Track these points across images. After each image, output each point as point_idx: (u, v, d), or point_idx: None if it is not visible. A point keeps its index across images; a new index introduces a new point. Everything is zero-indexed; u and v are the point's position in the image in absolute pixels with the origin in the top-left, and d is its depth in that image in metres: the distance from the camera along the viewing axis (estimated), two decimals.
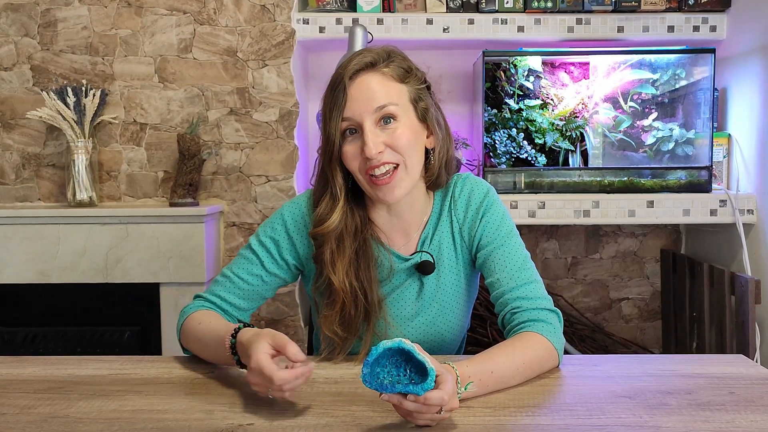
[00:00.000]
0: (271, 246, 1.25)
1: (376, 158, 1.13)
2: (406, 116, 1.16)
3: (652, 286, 2.68)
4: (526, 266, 1.21)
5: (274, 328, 1.03)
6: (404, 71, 1.18)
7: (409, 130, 1.16)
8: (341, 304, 1.18)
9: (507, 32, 2.33)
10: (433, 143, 1.22)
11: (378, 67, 1.16)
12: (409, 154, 1.16)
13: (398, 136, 1.14)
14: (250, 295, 1.26)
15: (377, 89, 1.14)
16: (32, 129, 2.33)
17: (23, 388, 1.06)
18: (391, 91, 1.15)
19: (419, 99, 1.19)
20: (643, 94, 2.35)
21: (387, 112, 1.14)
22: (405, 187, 1.17)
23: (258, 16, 2.29)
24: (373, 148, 1.12)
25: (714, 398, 1.00)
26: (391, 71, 1.16)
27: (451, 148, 1.26)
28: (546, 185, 2.27)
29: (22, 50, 2.30)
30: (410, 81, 1.18)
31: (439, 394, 0.86)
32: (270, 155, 2.32)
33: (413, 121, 1.17)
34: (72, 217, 2.16)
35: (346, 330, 1.20)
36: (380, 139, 1.13)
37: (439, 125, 1.22)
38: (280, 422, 0.92)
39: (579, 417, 0.93)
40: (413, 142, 1.17)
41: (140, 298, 2.22)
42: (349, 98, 1.14)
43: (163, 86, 2.31)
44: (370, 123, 1.13)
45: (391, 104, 1.14)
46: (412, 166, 1.17)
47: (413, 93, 1.18)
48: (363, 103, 1.13)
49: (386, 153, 1.14)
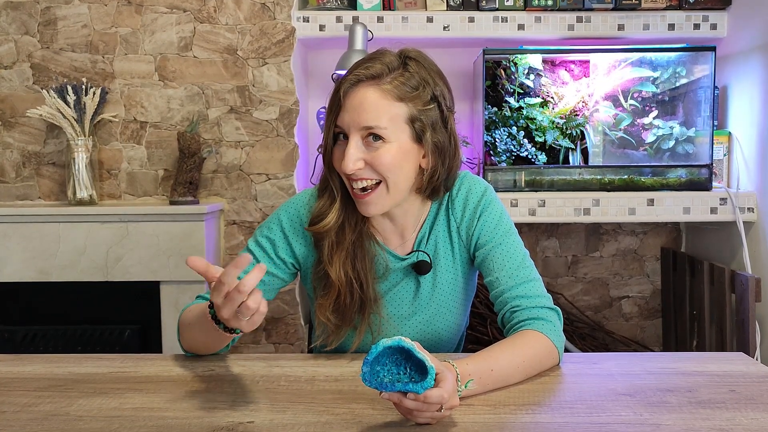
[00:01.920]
0: (268, 246, 1.25)
1: (354, 173, 1.13)
2: (395, 138, 1.12)
3: (652, 284, 2.68)
4: (525, 264, 1.21)
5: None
6: (410, 89, 1.13)
7: (396, 151, 1.12)
8: (336, 293, 1.19)
9: (507, 30, 2.33)
10: (427, 164, 1.18)
11: (380, 82, 1.12)
12: (391, 175, 1.13)
13: (380, 155, 1.12)
14: None
15: (368, 108, 1.11)
16: (32, 127, 2.33)
17: (23, 386, 1.06)
18: (382, 113, 1.11)
19: (417, 119, 1.14)
20: (644, 92, 2.35)
21: (373, 133, 1.12)
22: (383, 206, 1.16)
23: (258, 14, 2.29)
24: (350, 165, 1.11)
25: (714, 396, 1.00)
26: (393, 88, 1.12)
27: (456, 166, 1.21)
28: (546, 183, 2.27)
29: (22, 48, 2.30)
30: (413, 100, 1.13)
31: (439, 392, 0.86)
32: (270, 153, 2.31)
33: (404, 143, 1.13)
34: (72, 216, 2.16)
35: (340, 318, 1.20)
36: (361, 155, 1.12)
37: (438, 147, 1.16)
38: (281, 420, 0.92)
39: (579, 415, 0.93)
40: (399, 163, 1.13)
41: (140, 297, 2.22)
42: (343, 107, 1.13)
43: (163, 84, 2.31)
44: (356, 138, 1.12)
45: (379, 128, 1.11)
46: (395, 186, 1.14)
47: (412, 113, 1.13)
48: (353, 117, 1.12)
49: (366, 170, 1.13)
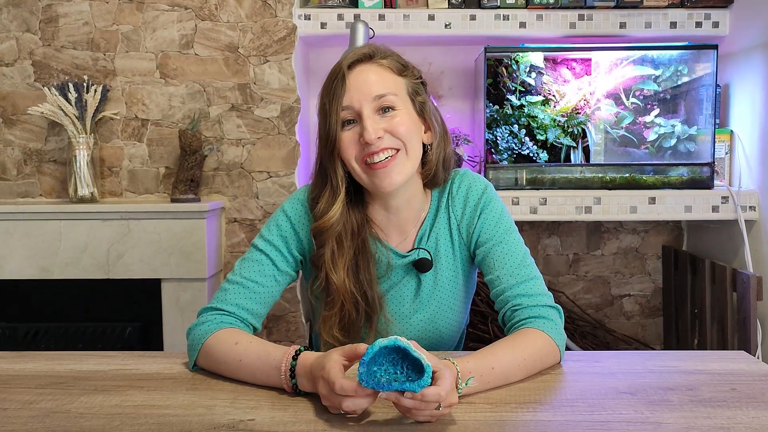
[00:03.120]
0: (281, 243, 1.23)
1: (375, 144, 1.13)
2: (404, 107, 1.17)
3: (653, 282, 2.68)
4: (526, 263, 1.20)
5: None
6: (401, 65, 1.20)
7: (408, 118, 1.17)
8: (341, 304, 1.17)
9: (509, 28, 2.33)
10: (430, 138, 1.22)
11: (376, 59, 1.17)
12: (409, 141, 1.16)
13: (398, 122, 1.15)
14: (264, 299, 1.20)
15: (375, 79, 1.15)
16: (34, 125, 2.33)
17: (25, 384, 1.07)
18: (389, 82, 1.16)
19: (417, 93, 1.20)
20: (645, 91, 2.34)
21: (386, 101, 1.14)
22: (405, 173, 1.16)
23: (259, 11, 2.28)
24: (373, 133, 1.12)
25: (715, 395, 1.00)
26: (389, 63, 1.18)
27: (449, 147, 1.25)
28: (547, 181, 2.26)
29: (24, 46, 2.30)
30: (407, 75, 1.20)
31: (436, 391, 0.85)
32: (271, 151, 2.31)
33: (412, 113, 1.18)
34: (73, 213, 2.16)
35: (346, 335, 1.18)
36: (380, 126, 1.14)
37: (437, 121, 1.23)
38: (282, 417, 0.92)
39: (580, 413, 0.93)
40: (413, 130, 1.17)
41: (141, 294, 2.22)
42: (347, 88, 1.14)
43: (164, 82, 2.31)
44: (369, 110, 1.13)
45: (390, 94, 1.15)
46: (413, 151, 1.17)
47: (411, 86, 1.20)
48: (362, 92, 1.14)
49: (386, 139, 1.14)
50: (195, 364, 1.13)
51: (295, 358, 1.00)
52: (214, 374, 1.11)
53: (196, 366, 1.13)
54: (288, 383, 1.00)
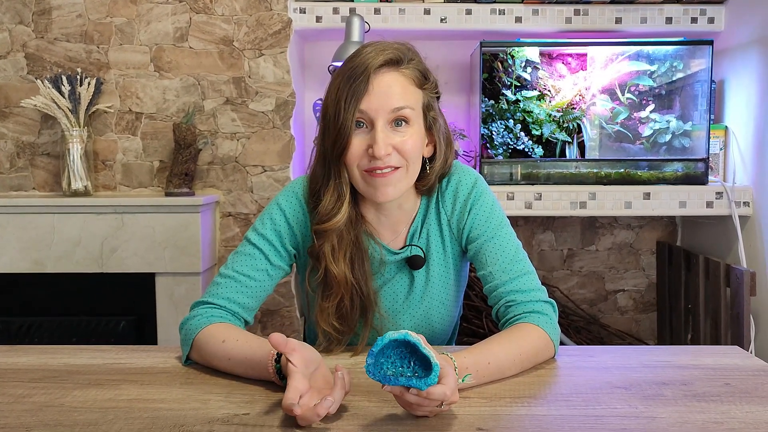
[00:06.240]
0: (274, 238, 1.22)
1: (383, 160, 1.11)
2: (417, 122, 1.15)
3: (647, 278, 2.69)
4: (518, 257, 1.20)
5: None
6: (422, 76, 1.17)
7: (418, 136, 1.15)
8: (340, 296, 1.17)
9: (505, 23, 2.32)
10: (430, 152, 1.21)
11: (400, 67, 1.14)
12: (413, 161, 1.15)
13: (407, 141, 1.13)
14: (256, 293, 1.20)
15: (398, 91, 1.12)
16: (27, 117, 2.31)
17: (18, 377, 1.06)
18: (409, 95, 1.14)
19: (430, 108, 1.18)
20: (641, 86, 2.34)
21: (402, 115, 1.12)
22: (400, 189, 1.16)
23: (254, 5, 2.27)
24: (383, 149, 1.10)
25: (709, 389, 1.00)
26: (412, 74, 1.15)
27: (451, 158, 1.24)
28: (542, 177, 2.26)
29: (17, 38, 2.28)
30: (427, 87, 1.17)
31: (442, 390, 0.85)
32: (266, 145, 2.31)
33: (421, 129, 1.16)
34: (67, 207, 2.15)
35: (343, 324, 1.18)
36: (390, 141, 1.12)
37: (443, 137, 1.21)
38: (276, 412, 0.92)
39: (575, 407, 0.93)
40: (419, 148, 1.16)
41: (135, 288, 2.22)
42: (369, 91, 1.11)
43: (158, 75, 2.30)
44: (383, 122, 1.11)
45: (407, 107, 1.12)
46: (413, 168, 1.16)
47: (426, 100, 1.17)
48: (382, 101, 1.11)
49: (393, 156, 1.12)
50: (188, 358, 1.13)
51: (278, 361, 0.99)
52: (208, 368, 1.11)
53: (189, 360, 1.13)
54: (279, 383, 1.00)
